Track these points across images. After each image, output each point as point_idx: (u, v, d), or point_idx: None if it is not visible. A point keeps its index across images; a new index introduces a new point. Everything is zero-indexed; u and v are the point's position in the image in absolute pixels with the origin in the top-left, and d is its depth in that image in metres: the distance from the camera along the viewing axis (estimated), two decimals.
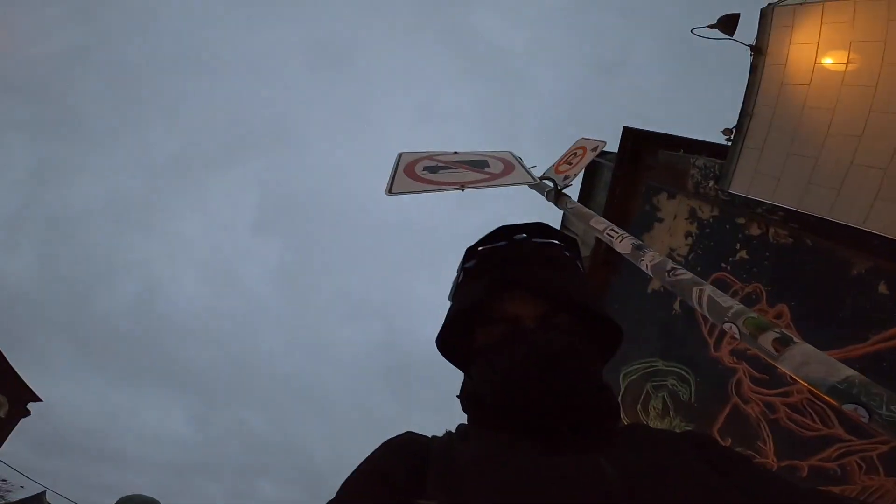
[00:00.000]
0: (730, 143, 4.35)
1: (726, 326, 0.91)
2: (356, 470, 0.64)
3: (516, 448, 0.60)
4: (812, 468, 3.45)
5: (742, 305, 0.92)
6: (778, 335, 0.81)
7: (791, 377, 0.77)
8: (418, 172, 2.29)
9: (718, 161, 4.57)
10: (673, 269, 1.12)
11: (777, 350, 0.80)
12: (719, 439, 4.18)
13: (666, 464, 0.56)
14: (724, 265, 4.38)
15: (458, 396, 0.81)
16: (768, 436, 3.81)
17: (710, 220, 4.66)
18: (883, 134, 3.19)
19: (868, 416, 0.65)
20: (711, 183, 4.62)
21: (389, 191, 2.11)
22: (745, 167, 4.16)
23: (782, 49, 3.86)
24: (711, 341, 4.46)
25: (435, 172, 2.29)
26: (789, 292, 3.82)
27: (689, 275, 1.08)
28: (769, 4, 3.97)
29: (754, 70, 4.07)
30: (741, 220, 4.30)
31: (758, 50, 4.03)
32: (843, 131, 3.43)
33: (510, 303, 0.73)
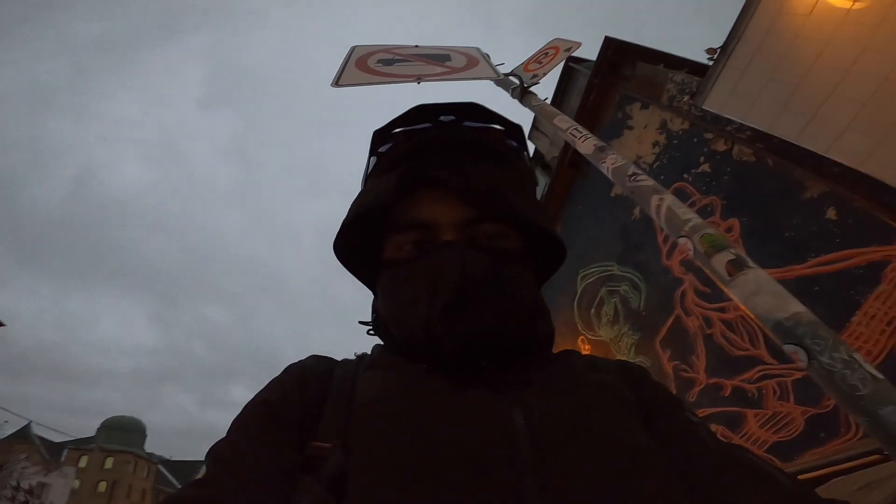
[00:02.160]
0: (711, 63, 4.22)
1: (681, 241, 0.83)
2: (249, 402, 0.55)
3: (421, 384, 0.52)
4: (734, 388, 3.71)
5: (700, 220, 0.84)
6: (733, 257, 0.74)
7: (739, 306, 0.71)
8: (371, 65, 2.05)
9: (697, 78, 4.45)
10: (634, 174, 1.02)
11: (730, 273, 0.73)
12: (661, 350, 4.50)
13: (581, 414, 0.49)
14: (686, 175, 4.42)
15: (364, 321, 0.69)
16: (702, 350, 4.07)
17: (680, 132, 4.62)
18: (872, 72, 3.12)
19: (807, 361, 0.59)
20: (686, 98, 4.52)
21: (336, 83, 1.88)
22: (723, 86, 4.09)
23: None
24: (665, 249, 4.61)
25: (390, 65, 2.06)
26: (743, 208, 3.91)
27: (650, 181, 0.98)
28: None
29: None
30: (709, 136, 4.29)
31: None
32: (832, 64, 3.35)
33: (426, 204, 0.58)
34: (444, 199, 0.58)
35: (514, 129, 0.69)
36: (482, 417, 0.47)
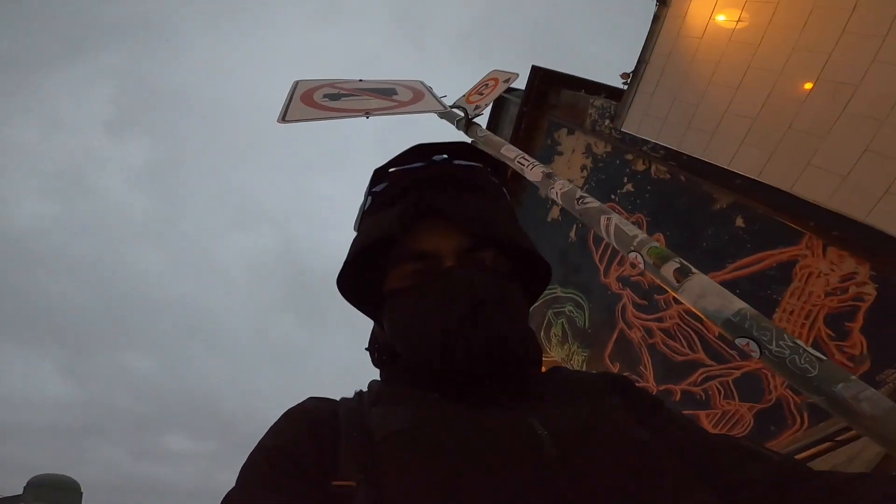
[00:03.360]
0: (626, 87, 4.59)
1: (631, 255, 0.92)
2: (256, 449, 0.54)
3: (437, 411, 0.54)
4: (683, 392, 3.95)
5: (646, 235, 0.94)
6: (678, 265, 0.84)
7: (691, 310, 0.80)
8: (317, 100, 2.08)
9: (615, 102, 4.82)
10: (582, 197, 1.12)
11: (677, 280, 0.82)
12: (610, 364, 4.71)
13: (593, 421, 0.53)
14: (613, 196, 4.73)
15: (366, 349, 0.71)
16: (648, 360, 4.34)
17: (604, 155, 4.96)
18: (756, 88, 3.51)
19: (759, 351, 0.67)
20: (607, 121, 4.87)
21: (283, 118, 1.88)
22: (637, 109, 4.46)
23: (684, 3, 4.05)
24: (602, 268, 4.89)
25: (336, 100, 2.09)
26: (665, 222, 4.25)
27: (596, 203, 1.08)
28: None
29: (656, 20, 4.28)
30: (629, 157, 4.63)
31: (663, 1, 4.18)
32: (724, 82, 3.75)
33: (427, 236, 0.63)
34: (444, 230, 0.63)
35: (496, 166, 0.77)
36: (507, 433, 0.50)
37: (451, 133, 2.12)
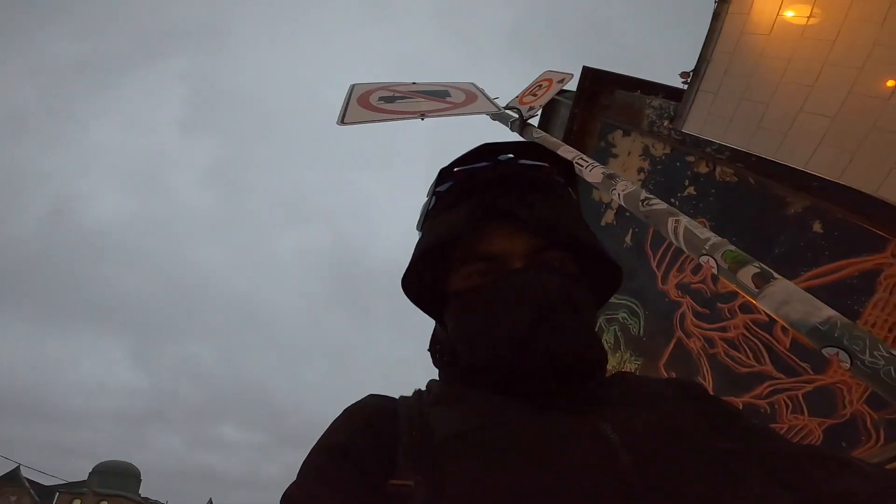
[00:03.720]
0: (686, 86, 4.40)
1: (703, 259, 0.87)
2: (316, 446, 0.54)
3: (502, 413, 0.52)
4: (746, 405, 3.68)
5: (719, 238, 0.88)
6: (758, 270, 0.78)
7: (769, 315, 0.74)
8: (373, 102, 2.14)
9: (673, 102, 4.61)
10: (647, 198, 1.07)
11: (757, 286, 0.76)
12: (665, 374, 4.50)
13: (668, 426, 0.51)
14: (673, 200, 4.52)
15: (428, 350, 0.70)
16: (708, 371, 4.08)
17: (662, 157, 4.76)
18: (834, 86, 3.26)
19: (850, 362, 0.62)
20: (666, 122, 4.69)
21: (342, 121, 1.96)
22: (700, 109, 4.24)
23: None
24: (659, 274, 4.67)
25: (392, 102, 2.15)
26: (731, 227, 3.99)
27: (663, 205, 1.03)
28: None
29: (717, 17, 4.05)
30: (691, 159, 4.43)
31: None
32: (796, 80, 3.51)
33: (494, 237, 0.61)
34: (510, 231, 0.61)
35: (565, 165, 0.74)
36: (577, 437, 0.48)
37: (503, 133, 2.11)
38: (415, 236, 0.75)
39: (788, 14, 3.55)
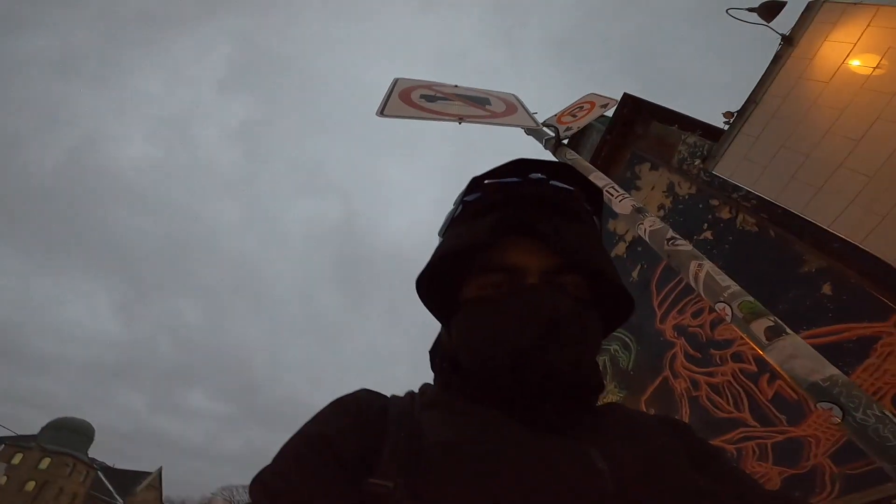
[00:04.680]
0: (727, 127, 4.36)
1: (719, 306, 0.91)
2: (299, 433, 0.53)
3: (494, 429, 0.52)
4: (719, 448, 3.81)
5: (739, 287, 0.92)
6: (772, 323, 0.82)
7: (775, 368, 0.78)
8: (414, 99, 2.19)
9: (709, 142, 4.58)
10: (673, 237, 1.11)
11: (768, 339, 0.80)
12: (645, 409, 4.55)
13: (652, 459, 0.52)
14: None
15: (430, 352, 0.71)
16: (687, 411, 4.15)
17: (686, 196, 4.75)
18: (882, 142, 3.22)
19: (841, 418, 0.66)
20: (697, 161, 4.66)
21: (381, 113, 2.01)
22: (736, 152, 4.20)
23: (814, 44, 3.78)
24: (659, 313, 4.69)
25: (433, 102, 2.19)
26: (741, 277, 3.95)
27: (689, 246, 1.07)
28: None
29: (777, 59, 4.00)
30: (715, 202, 4.41)
31: (788, 40, 3.94)
32: (843, 133, 3.45)
33: (515, 250, 0.62)
34: (532, 247, 0.62)
35: (595, 192, 0.74)
36: (565, 461, 0.49)
37: (535, 147, 2.14)
38: (422, 232, 0.76)
39: (854, 63, 3.51)
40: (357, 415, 0.55)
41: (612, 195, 1.39)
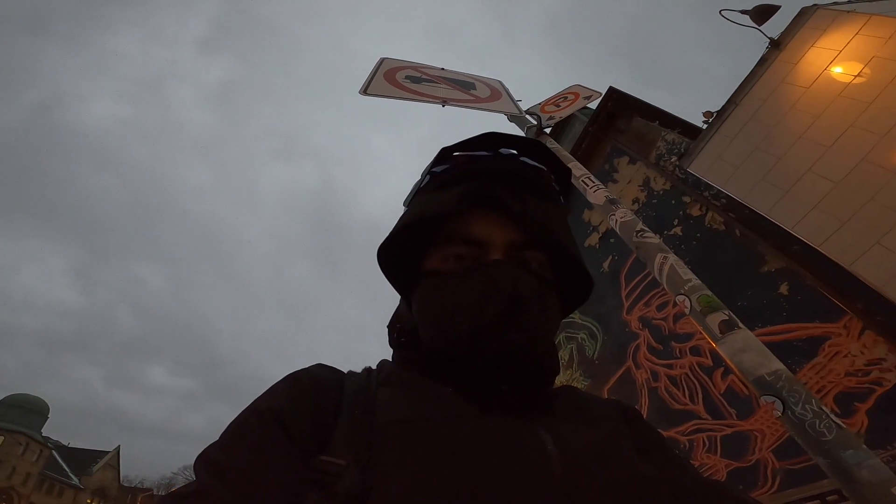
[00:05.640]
0: (705, 126, 4.45)
1: (679, 298, 0.95)
2: (248, 408, 0.52)
3: (449, 406, 0.52)
4: (670, 438, 3.94)
5: (699, 281, 0.96)
6: (726, 317, 0.86)
7: (725, 361, 0.82)
8: (399, 79, 2.17)
9: (687, 139, 4.69)
10: (642, 230, 1.14)
11: (721, 332, 0.84)
12: (607, 397, 4.72)
13: (602, 445, 0.53)
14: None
15: (388, 326, 0.70)
16: (646, 402, 4.31)
17: (661, 192, 4.86)
18: (851, 150, 3.33)
19: (782, 411, 0.70)
20: (674, 158, 4.76)
21: (364, 91, 1.98)
22: (711, 151, 4.30)
23: (801, 49, 3.86)
24: (626, 304, 4.83)
25: (417, 83, 2.17)
26: (705, 273, 4.10)
27: (656, 239, 1.10)
28: (814, 4, 3.90)
29: (762, 62, 4.07)
30: (687, 199, 4.52)
31: (776, 44, 4.00)
32: (815, 139, 3.56)
33: (480, 223, 0.61)
34: (498, 221, 0.61)
35: (564, 173, 0.73)
36: (515, 442, 0.49)
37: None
38: (401, 205, 0.73)
39: (836, 70, 3.60)
40: (310, 390, 0.53)
41: (588, 185, 1.42)
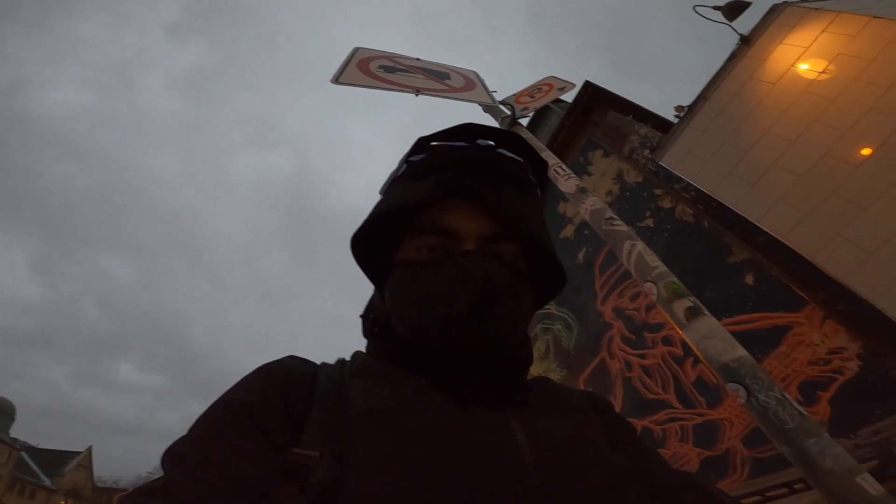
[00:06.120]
0: (677, 120, 4.54)
1: (647, 286, 0.95)
2: (219, 400, 0.51)
3: (422, 397, 0.52)
4: (644, 428, 4.03)
5: (666, 269, 0.97)
6: (691, 304, 0.87)
7: (691, 347, 0.83)
8: (372, 69, 2.13)
9: (659, 133, 4.78)
10: (611, 218, 1.15)
11: (687, 318, 0.85)
12: (583, 387, 4.79)
13: (573, 436, 0.53)
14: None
15: (361, 316, 0.69)
16: (620, 392, 4.40)
17: (633, 184, 4.95)
18: (814, 145, 3.44)
19: (746, 398, 0.71)
20: (646, 151, 4.85)
21: (336, 80, 1.94)
22: (682, 145, 4.41)
23: (770, 46, 3.96)
24: (601, 295, 4.91)
25: (391, 73, 2.14)
26: (675, 264, 4.21)
27: (625, 227, 1.11)
28: (785, 2, 3.99)
29: (732, 58, 4.17)
30: (658, 192, 4.62)
31: (746, 41, 4.10)
32: (782, 133, 3.67)
33: (455, 214, 0.60)
34: (472, 213, 0.61)
35: (541, 166, 0.73)
36: (488, 434, 0.49)
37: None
38: (376, 193, 0.73)
39: (803, 67, 3.70)
40: (282, 382, 0.53)
41: (559, 174, 1.42)
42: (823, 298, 3.16)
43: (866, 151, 3.14)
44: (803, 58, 3.73)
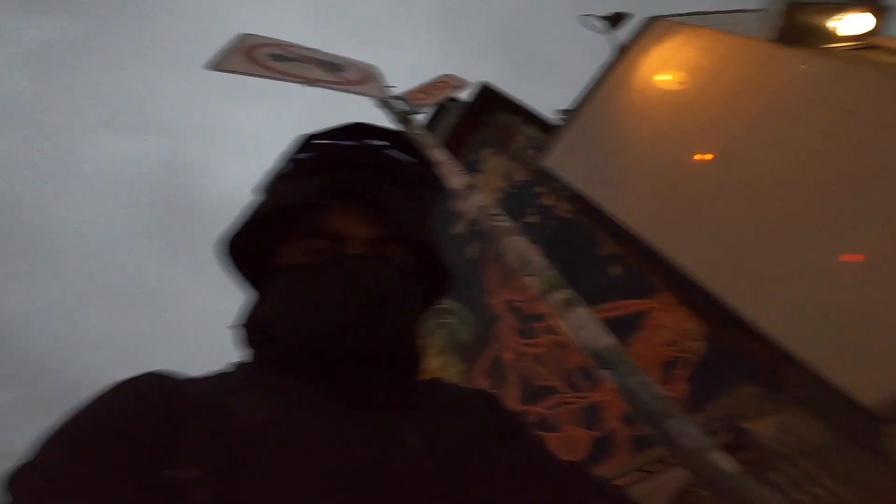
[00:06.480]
0: (562, 123, 4.89)
1: (528, 278, 1.02)
2: (72, 422, 0.45)
3: (311, 406, 0.50)
4: (538, 414, 4.29)
5: (545, 262, 1.04)
6: (568, 296, 0.95)
7: (569, 335, 0.90)
8: (259, 56, 1.98)
9: (545, 135, 5.11)
10: (495, 214, 1.21)
11: (564, 309, 0.93)
12: (480, 381, 4.95)
13: (466, 436, 0.54)
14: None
15: (237, 325, 0.64)
16: (514, 381, 4.63)
17: (520, 182, 5.25)
18: (671, 148, 3.88)
19: (615, 383, 0.79)
20: (531, 151, 5.17)
21: (214, 66, 1.77)
22: (563, 146, 4.75)
23: (640, 56, 4.37)
24: (491, 289, 5.15)
25: (281, 61, 2.01)
26: (556, 258, 4.57)
27: (508, 223, 1.18)
28: (658, 15, 4.41)
29: (610, 66, 4.54)
30: (541, 190, 4.95)
31: (623, 50, 4.47)
32: (645, 137, 4.11)
33: (342, 216, 0.59)
34: (359, 215, 0.60)
35: (430, 166, 0.73)
36: (381, 440, 0.48)
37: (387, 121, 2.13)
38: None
39: (666, 77, 4.14)
40: (149, 398, 0.48)
41: (449, 171, 1.46)
42: (674, 287, 3.63)
43: (709, 156, 3.62)
44: (665, 69, 4.20)
